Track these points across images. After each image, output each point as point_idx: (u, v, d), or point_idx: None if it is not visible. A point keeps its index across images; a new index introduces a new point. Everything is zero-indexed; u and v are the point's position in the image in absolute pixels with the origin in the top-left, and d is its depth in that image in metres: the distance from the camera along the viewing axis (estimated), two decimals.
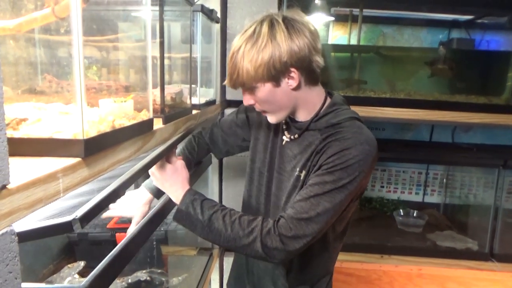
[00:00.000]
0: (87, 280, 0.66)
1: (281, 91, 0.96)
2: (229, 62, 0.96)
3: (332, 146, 0.94)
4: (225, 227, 0.93)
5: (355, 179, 0.91)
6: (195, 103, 1.31)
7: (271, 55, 0.90)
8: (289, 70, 0.92)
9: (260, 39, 0.90)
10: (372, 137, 0.96)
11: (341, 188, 0.91)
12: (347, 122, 0.97)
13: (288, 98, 0.97)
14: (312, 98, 1.01)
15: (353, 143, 0.92)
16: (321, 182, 0.92)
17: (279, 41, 0.90)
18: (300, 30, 0.91)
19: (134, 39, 0.98)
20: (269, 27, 0.91)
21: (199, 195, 0.98)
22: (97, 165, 0.62)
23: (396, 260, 2.02)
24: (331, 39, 2.44)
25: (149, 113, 0.84)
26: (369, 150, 0.93)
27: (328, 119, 0.99)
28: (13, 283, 0.44)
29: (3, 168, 0.42)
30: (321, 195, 0.91)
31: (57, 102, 0.70)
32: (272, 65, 0.90)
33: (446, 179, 2.50)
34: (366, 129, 0.98)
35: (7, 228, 0.43)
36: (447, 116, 1.77)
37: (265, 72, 0.91)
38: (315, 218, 0.91)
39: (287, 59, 0.90)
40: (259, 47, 0.90)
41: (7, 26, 0.63)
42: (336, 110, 1.00)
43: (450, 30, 2.37)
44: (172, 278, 1.52)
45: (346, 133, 0.95)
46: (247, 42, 0.92)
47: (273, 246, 0.91)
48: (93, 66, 0.85)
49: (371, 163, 0.94)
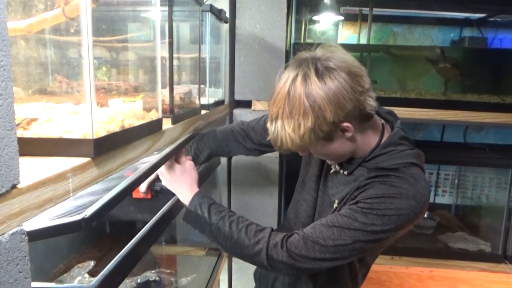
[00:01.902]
0: (97, 279, 0.66)
1: (336, 143, 0.87)
2: (269, 126, 0.88)
3: (376, 187, 0.86)
4: (231, 234, 0.90)
5: (388, 230, 0.83)
6: (204, 103, 1.31)
7: (314, 120, 0.80)
8: (340, 126, 0.83)
9: (296, 102, 0.80)
10: (424, 193, 0.85)
11: (369, 232, 0.83)
12: (401, 168, 0.87)
13: (346, 146, 0.89)
14: (368, 136, 0.90)
15: (400, 193, 0.83)
16: (351, 217, 0.84)
17: (318, 100, 0.79)
18: (338, 77, 0.80)
19: (143, 39, 0.98)
20: (303, 82, 0.80)
21: (208, 198, 0.98)
22: (106, 165, 0.62)
23: (407, 262, 1.99)
24: (340, 39, 2.42)
25: (158, 113, 0.84)
26: (415, 208, 0.83)
27: (378, 161, 0.89)
28: (23, 283, 0.44)
29: (14, 167, 0.42)
30: (345, 229, 0.84)
31: (67, 102, 0.70)
32: (319, 128, 0.81)
33: (458, 179, 2.47)
34: (423, 180, 0.87)
35: (17, 227, 0.43)
36: (459, 115, 1.74)
37: (313, 137, 0.82)
38: (331, 248, 0.84)
39: (334, 118, 0.80)
40: (298, 113, 0.80)
41: (18, 27, 0.63)
42: (390, 152, 0.89)
43: (462, 28, 2.34)
44: (181, 278, 1.52)
45: (396, 180, 0.85)
46: (284, 106, 0.82)
47: (278, 259, 0.87)
48: (103, 66, 0.85)
49: (414, 219, 0.84)
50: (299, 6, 1.86)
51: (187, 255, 1.72)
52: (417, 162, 0.90)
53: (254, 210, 1.89)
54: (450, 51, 2.24)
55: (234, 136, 1.21)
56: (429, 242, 2.11)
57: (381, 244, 0.88)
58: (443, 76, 1.93)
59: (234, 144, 1.21)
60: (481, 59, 2.17)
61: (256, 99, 1.78)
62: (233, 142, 1.21)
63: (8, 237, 0.41)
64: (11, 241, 0.41)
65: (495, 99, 1.90)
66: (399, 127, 0.94)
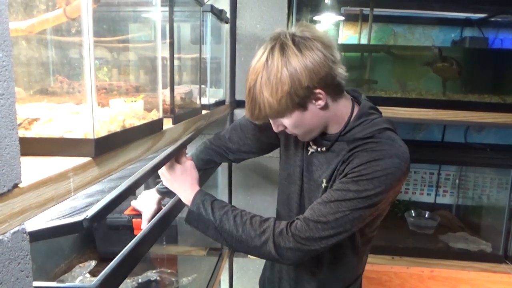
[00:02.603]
0: (98, 279, 0.66)
1: (310, 114, 0.91)
2: (247, 96, 0.91)
3: (360, 156, 0.90)
4: (236, 227, 0.91)
5: (380, 192, 0.87)
6: (205, 103, 1.31)
7: (291, 84, 0.84)
8: (313, 92, 0.87)
9: (274, 67, 0.85)
10: (403, 150, 0.90)
11: (364, 198, 0.86)
12: (377, 134, 0.92)
13: (318, 119, 0.93)
14: (340, 111, 0.95)
15: (382, 155, 0.88)
16: (344, 189, 0.88)
17: (294, 65, 0.84)
18: (313, 47, 0.86)
19: (144, 40, 0.99)
20: (281, 51, 0.86)
21: (209, 195, 0.98)
22: (107, 165, 0.62)
23: (407, 262, 1.99)
24: (341, 39, 2.42)
25: (159, 113, 0.84)
26: (399, 164, 0.87)
27: (355, 133, 0.94)
28: (25, 282, 0.44)
29: (15, 167, 0.42)
30: (342, 201, 0.87)
31: (69, 102, 0.71)
32: (295, 93, 0.85)
33: (459, 179, 2.47)
34: (399, 140, 0.93)
35: (19, 226, 0.43)
36: (460, 115, 1.74)
37: (289, 102, 0.86)
38: (333, 223, 0.87)
39: (309, 83, 0.85)
40: (276, 77, 0.85)
41: (20, 27, 0.63)
42: (363, 122, 0.95)
43: (463, 28, 2.34)
44: (182, 278, 1.52)
45: (375, 145, 0.90)
46: (262, 73, 0.87)
47: (286, 246, 0.88)
48: (104, 67, 0.85)
49: (400, 177, 0.89)
50: (299, 7, 1.86)
51: (188, 255, 1.73)
52: (390, 127, 0.95)
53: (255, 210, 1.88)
54: (451, 51, 2.24)
55: (215, 152, 1.23)
56: (430, 242, 2.11)
57: (377, 209, 0.91)
58: (440, 76, 1.92)
59: (218, 158, 1.24)
60: (482, 59, 2.17)
61: None
62: (216, 156, 1.23)
63: (10, 236, 0.41)
64: (12, 240, 0.42)
65: (496, 99, 1.90)
66: (365, 99, 1.00)
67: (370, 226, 1.01)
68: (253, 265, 2.01)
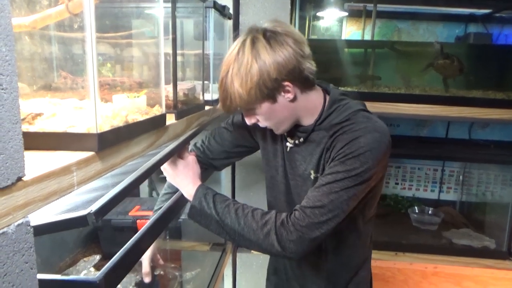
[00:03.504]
0: (101, 272, 0.67)
1: (280, 106, 0.94)
2: (219, 87, 0.94)
3: (341, 139, 0.93)
4: (238, 220, 0.92)
5: (369, 168, 0.89)
6: (208, 99, 1.32)
7: (259, 75, 0.88)
8: (281, 84, 0.91)
9: (245, 60, 0.88)
10: (381, 124, 0.94)
11: (355, 177, 0.89)
12: (352, 117, 0.96)
13: (288, 111, 0.96)
14: (311, 103, 0.99)
15: (362, 132, 0.91)
16: (334, 172, 0.91)
17: (264, 58, 0.87)
18: (283, 42, 0.89)
19: (147, 35, 0.99)
20: (251, 45, 0.89)
21: (211, 190, 0.99)
22: (110, 159, 0.62)
23: (411, 258, 1.99)
24: (345, 35, 2.41)
25: (162, 108, 0.85)
26: (380, 137, 0.91)
27: (331, 120, 0.98)
28: (29, 273, 0.45)
29: (19, 160, 0.43)
30: (333, 183, 0.90)
31: (72, 98, 0.71)
32: (263, 84, 0.89)
33: (463, 176, 2.46)
34: (374, 117, 0.97)
35: (23, 219, 0.43)
36: (464, 112, 1.74)
37: (258, 93, 0.90)
38: (329, 205, 0.89)
39: (277, 75, 0.88)
40: (245, 69, 0.88)
41: (23, 23, 0.64)
42: (336, 108, 0.98)
43: (467, 24, 2.32)
44: (186, 272, 1.53)
45: (353, 125, 0.93)
46: (233, 65, 0.90)
47: (288, 238, 0.88)
48: (107, 63, 0.86)
49: (385, 150, 0.92)
50: (303, 2, 1.86)
51: (191, 250, 1.74)
52: (363, 108, 0.99)
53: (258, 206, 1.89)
54: (455, 47, 2.23)
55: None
56: (434, 238, 2.11)
57: (368, 185, 0.93)
58: (441, 73, 1.91)
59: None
60: (486, 55, 2.15)
61: None
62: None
63: (14, 228, 0.42)
64: (17, 232, 0.42)
65: (501, 95, 1.89)
66: (333, 88, 1.04)
67: (369, 206, 1.03)
68: (256, 260, 2.02)
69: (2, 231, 0.40)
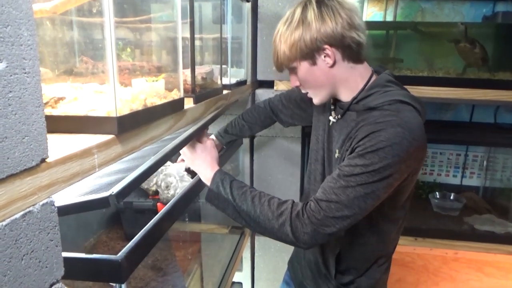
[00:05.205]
0: (123, 251, 0.69)
1: (318, 69, 0.97)
2: (272, 48, 1.01)
3: (363, 130, 0.90)
4: (254, 208, 0.92)
5: (389, 164, 0.84)
6: (226, 83, 1.32)
7: (301, 34, 0.93)
8: (322, 47, 0.93)
9: (293, 21, 0.95)
10: (410, 120, 0.88)
11: (373, 172, 0.85)
12: (385, 106, 0.92)
13: (326, 77, 0.97)
14: (353, 77, 0.98)
15: (384, 125, 0.87)
16: (352, 164, 0.87)
17: (309, 20, 0.93)
18: (333, 8, 0.93)
19: (165, 20, 0.99)
20: (302, 9, 0.95)
21: (229, 175, 1.00)
22: (130, 142, 0.64)
23: (431, 243, 1.97)
24: (365, 16, 2.35)
25: (180, 92, 0.86)
26: (403, 133, 0.85)
27: (366, 102, 0.95)
28: (54, 251, 0.47)
29: (42, 142, 0.44)
30: (349, 176, 0.86)
31: (93, 82, 0.73)
32: (303, 43, 0.93)
33: (487, 161, 2.39)
34: (408, 112, 0.90)
35: (47, 199, 0.45)
36: (489, 95, 1.68)
37: (298, 51, 0.94)
38: (345, 201, 0.86)
39: (317, 36, 0.92)
40: (291, 28, 0.95)
41: (44, 8, 0.65)
42: (376, 92, 0.95)
43: (495, 3, 2.22)
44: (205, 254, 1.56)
45: (379, 116, 0.89)
46: (283, 25, 0.97)
47: (303, 230, 0.88)
48: (127, 47, 0.87)
49: (408, 147, 0.85)
50: None
51: (211, 233, 1.77)
52: (405, 100, 0.93)
53: (276, 190, 1.90)
54: (482, 27, 2.14)
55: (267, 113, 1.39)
56: (455, 224, 2.08)
57: (390, 185, 0.88)
58: (462, 58, 1.83)
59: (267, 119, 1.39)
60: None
61: (278, 79, 1.78)
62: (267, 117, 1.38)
63: (39, 207, 0.44)
64: (42, 211, 0.44)
65: None
66: (386, 73, 1.01)
67: (391, 206, 0.98)
68: (274, 244, 2.04)
69: (29, 210, 0.42)
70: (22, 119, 0.41)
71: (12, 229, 0.40)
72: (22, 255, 0.41)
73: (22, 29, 0.39)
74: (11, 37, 0.38)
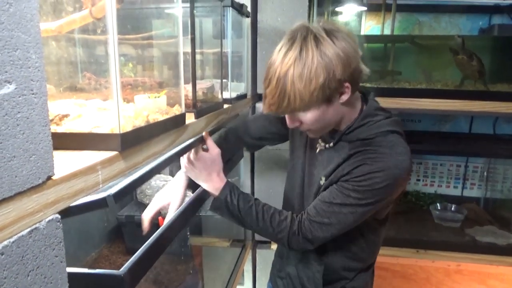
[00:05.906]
0: (126, 266, 0.70)
1: (332, 108, 0.91)
2: (273, 88, 0.87)
3: (360, 168, 0.92)
4: (258, 223, 1.00)
5: (381, 199, 0.94)
6: (227, 97, 1.33)
7: (326, 76, 0.83)
8: (343, 85, 0.87)
9: (309, 59, 0.82)
10: (403, 158, 0.91)
11: (364, 204, 0.93)
12: (378, 138, 0.93)
13: (336, 113, 0.93)
14: (355, 108, 0.97)
15: (382, 166, 0.90)
16: (346, 194, 0.94)
17: (330, 56, 0.82)
18: (345, 38, 0.85)
19: (167, 36, 1.01)
20: (315, 42, 0.83)
21: (237, 187, 1.03)
22: (133, 158, 0.65)
23: (433, 255, 1.97)
24: (364, 30, 2.39)
25: (182, 108, 0.87)
26: (399, 175, 0.91)
27: (358, 133, 0.96)
28: (59, 266, 0.47)
29: (48, 160, 0.45)
30: (343, 205, 0.94)
31: (96, 98, 0.74)
32: (328, 85, 0.84)
33: (487, 172, 2.40)
34: (401, 145, 0.93)
35: (53, 215, 0.46)
36: (487, 106, 1.69)
37: (320, 95, 0.85)
38: (336, 225, 0.96)
39: (342, 75, 0.84)
40: (311, 69, 0.82)
41: (49, 28, 0.67)
42: (368, 123, 0.95)
43: (491, 16, 2.25)
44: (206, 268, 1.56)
45: (375, 154, 0.92)
46: (294, 64, 0.83)
47: (298, 244, 1.00)
48: (129, 63, 0.88)
49: (400, 183, 0.94)
50: None
51: (212, 246, 1.77)
52: (393, 129, 0.95)
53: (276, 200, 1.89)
54: (478, 40, 2.17)
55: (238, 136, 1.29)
56: (456, 236, 2.07)
57: (379, 207, 0.97)
58: (461, 70, 1.85)
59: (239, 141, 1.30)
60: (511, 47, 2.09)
61: None
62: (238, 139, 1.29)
63: (45, 224, 0.45)
64: (47, 228, 0.45)
65: None
66: (372, 99, 1.00)
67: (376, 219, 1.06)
68: None
69: (35, 227, 0.43)
70: (30, 138, 0.42)
71: (19, 246, 0.40)
72: (28, 271, 0.42)
73: (30, 52, 0.41)
74: (20, 60, 0.39)
